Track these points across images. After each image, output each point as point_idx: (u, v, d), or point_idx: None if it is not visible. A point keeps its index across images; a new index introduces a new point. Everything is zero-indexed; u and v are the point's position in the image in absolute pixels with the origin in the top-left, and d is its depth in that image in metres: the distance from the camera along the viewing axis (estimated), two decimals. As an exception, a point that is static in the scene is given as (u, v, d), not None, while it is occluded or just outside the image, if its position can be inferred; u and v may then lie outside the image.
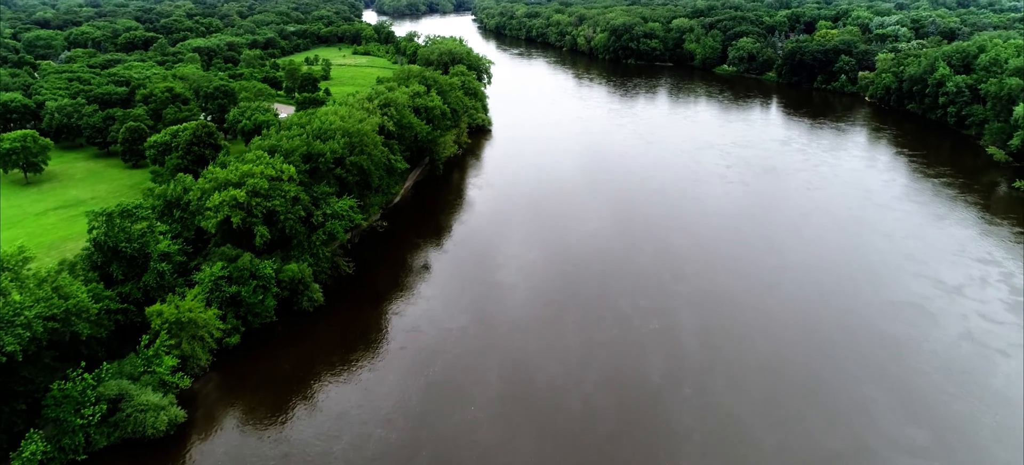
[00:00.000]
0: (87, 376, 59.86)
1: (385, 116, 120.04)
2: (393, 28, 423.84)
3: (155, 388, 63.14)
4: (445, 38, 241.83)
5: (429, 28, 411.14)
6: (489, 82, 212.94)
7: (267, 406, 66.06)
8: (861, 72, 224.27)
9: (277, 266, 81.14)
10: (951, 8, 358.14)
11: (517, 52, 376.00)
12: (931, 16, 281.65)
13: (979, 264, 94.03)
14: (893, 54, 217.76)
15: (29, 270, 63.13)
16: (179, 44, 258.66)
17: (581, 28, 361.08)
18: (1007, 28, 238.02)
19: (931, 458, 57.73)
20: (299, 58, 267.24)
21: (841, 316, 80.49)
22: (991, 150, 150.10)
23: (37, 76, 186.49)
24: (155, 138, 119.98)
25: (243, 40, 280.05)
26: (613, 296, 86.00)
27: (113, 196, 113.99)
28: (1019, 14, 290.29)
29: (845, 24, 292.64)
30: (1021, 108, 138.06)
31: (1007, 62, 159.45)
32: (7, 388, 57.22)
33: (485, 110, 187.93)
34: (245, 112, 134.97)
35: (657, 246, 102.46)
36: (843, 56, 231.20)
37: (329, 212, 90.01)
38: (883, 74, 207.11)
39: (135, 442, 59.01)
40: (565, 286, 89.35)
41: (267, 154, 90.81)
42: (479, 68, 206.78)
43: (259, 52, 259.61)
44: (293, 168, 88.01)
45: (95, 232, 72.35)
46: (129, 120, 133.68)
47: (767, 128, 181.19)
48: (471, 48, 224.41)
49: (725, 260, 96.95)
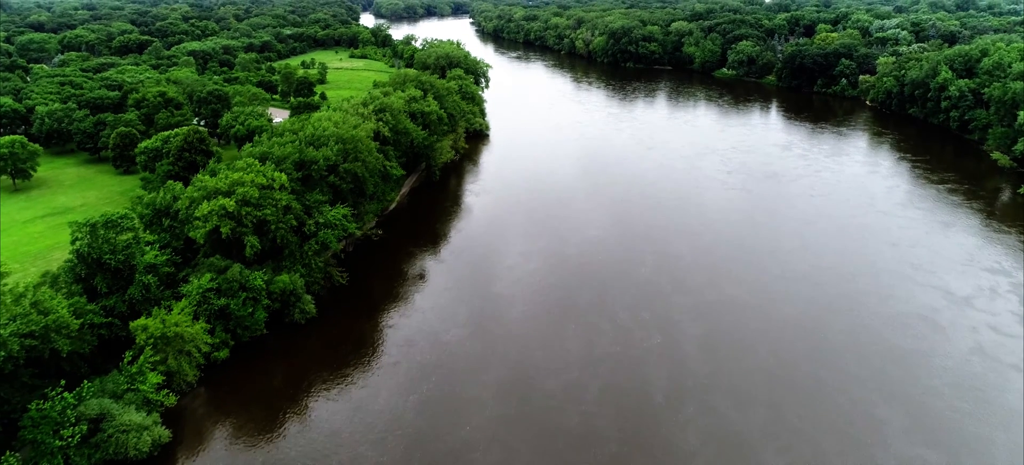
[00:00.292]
0: (67, 395, 57.34)
1: (380, 122, 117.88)
2: (390, 31, 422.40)
3: (139, 407, 60.77)
4: (442, 41, 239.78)
5: (427, 31, 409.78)
6: (487, 86, 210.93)
7: (256, 424, 63.77)
8: (862, 76, 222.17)
9: (268, 277, 78.86)
10: (950, 11, 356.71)
11: (515, 55, 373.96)
12: (931, 19, 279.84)
13: (988, 274, 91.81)
14: (894, 58, 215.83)
15: (5, 285, 60.77)
16: (174, 48, 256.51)
17: (579, 31, 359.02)
18: (1008, 31, 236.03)
19: (945, 480, 55.55)
20: (295, 62, 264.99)
21: (849, 329, 78.18)
22: (995, 155, 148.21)
23: (28, 80, 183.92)
24: (146, 144, 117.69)
25: (239, 43, 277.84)
26: (613, 308, 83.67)
27: (103, 203, 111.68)
28: (1019, 17, 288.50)
29: (845, 27, 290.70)
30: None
31: (1011, 66, 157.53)
32: (-18, 409, 55.03)
33: (483, 114, 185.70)
34: (238, 117, 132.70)
35: (658, 255, 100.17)
36: (843, 60, 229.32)
37: (322, 221, 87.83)
38: (884, 78, 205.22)
39: (117, 464, 56.66)
40: (564, 297, 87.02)
41: (258, 161, 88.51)
42: (477, 72, 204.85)
43: (255, 55, 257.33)
44: (285, 176, 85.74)
45: (78, 243, 70.07)
46: (120, 125, 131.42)
47: (768, 132, 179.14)
48: (469, 51, 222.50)
49: (728, 269, 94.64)
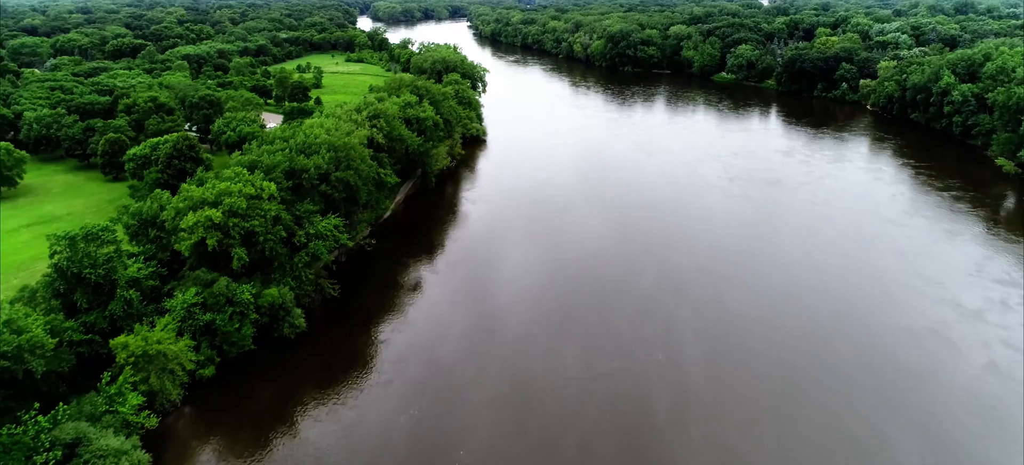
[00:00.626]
0: (41, 419, 54.39)
1: (374, 128, 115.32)
2: (387, 35, 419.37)
3: (117, 430, 58.02)
4: (439, 45, 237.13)
5: (424, 35, 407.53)
6: (484, 90, 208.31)
7: (242, 445, 61.09)
8: (862, 80, 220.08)
9: (256, 291, 76.12)
10: (949, 14, 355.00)
11: (513, 59, 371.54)
12: (931, 23, 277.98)
13: (998, 286, 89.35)
14: (896, 62, 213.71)
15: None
16: (168, 51, 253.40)
17: (577, 35, 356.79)
18: (1009, 35, 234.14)
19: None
20: (291, 66, 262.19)
21: (858, 346, 75.54)
22: (1000, 161, 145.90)
23: (19, 84, 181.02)
24: (134, 151, 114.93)
25: (234, 47, 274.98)
26: (614, 322, 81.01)
27: (90, 211, 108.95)
28: (1019, 21, 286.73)
29: (845, 31, 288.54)
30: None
31: (1015, 71, 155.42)
32: (-51, 435, 52.06)
33: (480, 120, 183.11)
34: (230, 123, 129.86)
35: (659, 266, 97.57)
36: (844, 63, 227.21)
37: (313, 232, 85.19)
38: (885, 82, 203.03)
39: (92, 492, 53.83)
40: (562, 311, 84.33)
41: (246, 170, 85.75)
42: (474, 76, 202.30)
43: (250, 59, 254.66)
44: (274, 185, 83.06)
45: (58, 257, 67.40)
46: (110, 132, 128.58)
47: (768, 138, 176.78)
48: (466, 56, 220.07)
49: (731, 282, 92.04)
